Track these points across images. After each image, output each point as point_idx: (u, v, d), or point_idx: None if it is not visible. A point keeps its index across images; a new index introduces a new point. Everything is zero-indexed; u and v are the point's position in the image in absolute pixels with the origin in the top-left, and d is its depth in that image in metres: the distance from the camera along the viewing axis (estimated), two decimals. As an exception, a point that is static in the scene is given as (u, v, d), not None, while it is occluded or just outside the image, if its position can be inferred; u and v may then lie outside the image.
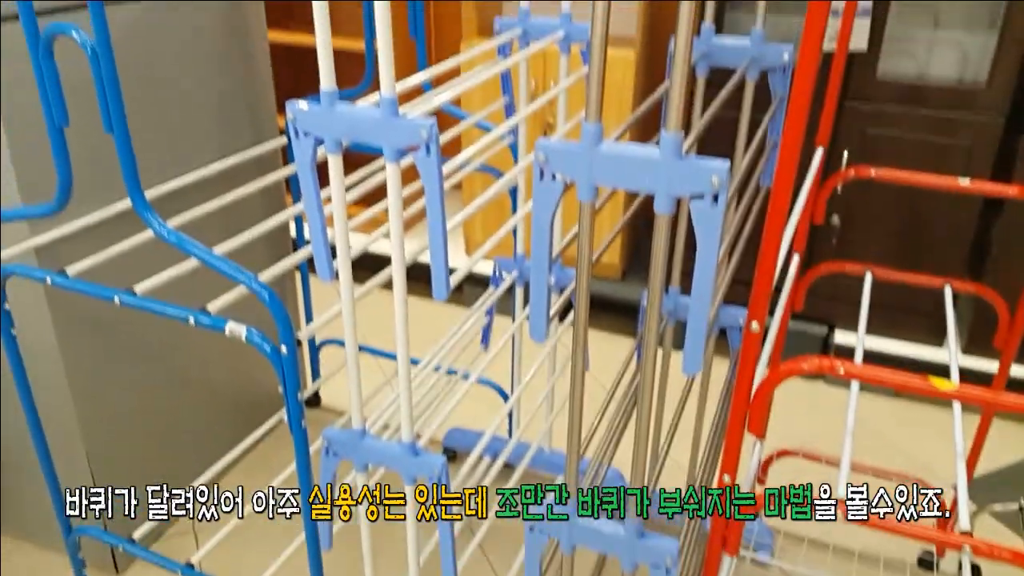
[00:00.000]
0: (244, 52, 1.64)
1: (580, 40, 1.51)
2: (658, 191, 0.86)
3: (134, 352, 1.49)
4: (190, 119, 1.52)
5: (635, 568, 1.03)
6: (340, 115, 0.96)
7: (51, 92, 0.95)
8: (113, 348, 1.44)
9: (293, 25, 2.93)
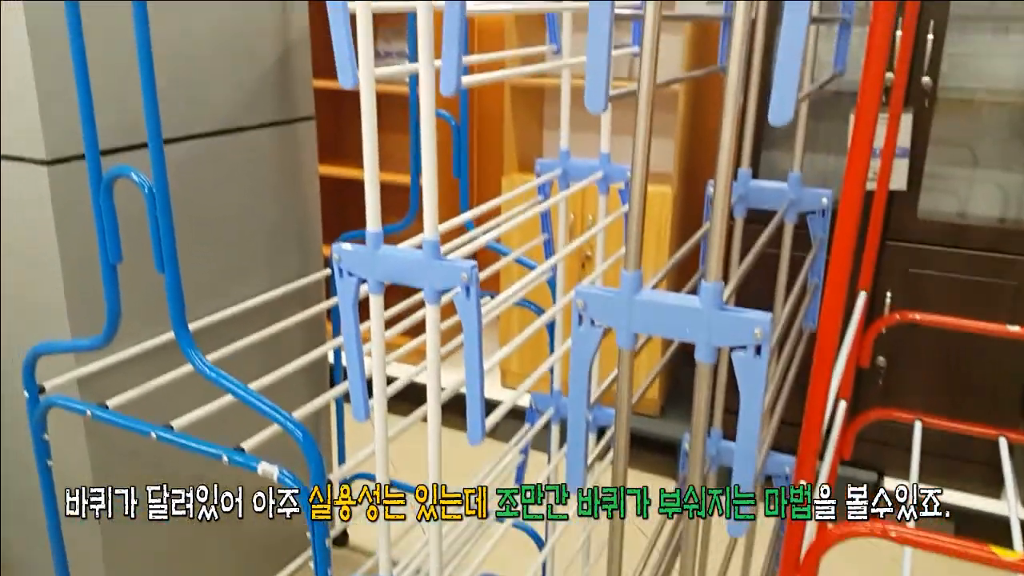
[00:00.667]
0: (295, 184, 1.71)
1: (618, 180, 1.54)
2: (699, 341, 0.85)
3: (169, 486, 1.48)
4: (238, 250, 1.56)
5: None
6: (384, 257, 0.98)
7: (108, 231, 0.98)
8: (145, 482, 1.43)
9: (341, 158, 3.05)
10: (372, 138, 0.95)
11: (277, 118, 1.64)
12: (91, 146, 0.99)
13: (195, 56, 1.40)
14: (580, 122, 2.52)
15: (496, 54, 1.23)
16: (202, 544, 1.61)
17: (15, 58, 1.12)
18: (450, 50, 0.86)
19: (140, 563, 1.46)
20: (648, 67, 0.80)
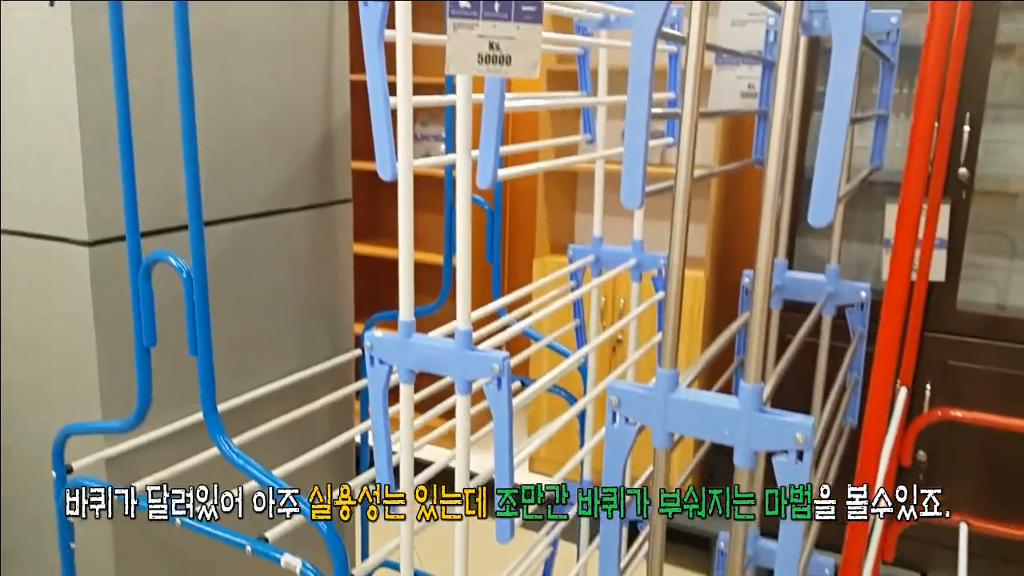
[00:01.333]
0: (329, 265, 1.72)
1: (652, 268, 1.54)
2: (737, 444, 0.82)
3: (187, 572, 1.46)
4: (270, 331, 1.57)
5: None
6: (415, 345, 0.97)
7: (144, 314, 0.99)
8: (166, 565, 1.41)
9: (376, 237, 3.09)
10: (408, 231, 0.95)
11: (315, 201, 1.67)
12: (132, 230, 1.01)
13: (240, 139, 1.44)
14: (613, 206, 2.53)
15: (531, 144, 1.25)
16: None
17: (64, 138, 1.15)
18: (488, 145, 0.87)
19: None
20: (684, 172, 0.80)
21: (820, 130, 0.71)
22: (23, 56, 1.18)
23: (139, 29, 1.21)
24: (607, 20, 1.37)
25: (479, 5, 0.76)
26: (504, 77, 0.81)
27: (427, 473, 1.17)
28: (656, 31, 0.74)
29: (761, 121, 1.39)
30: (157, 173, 1.27)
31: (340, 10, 1.65)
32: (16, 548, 1.42)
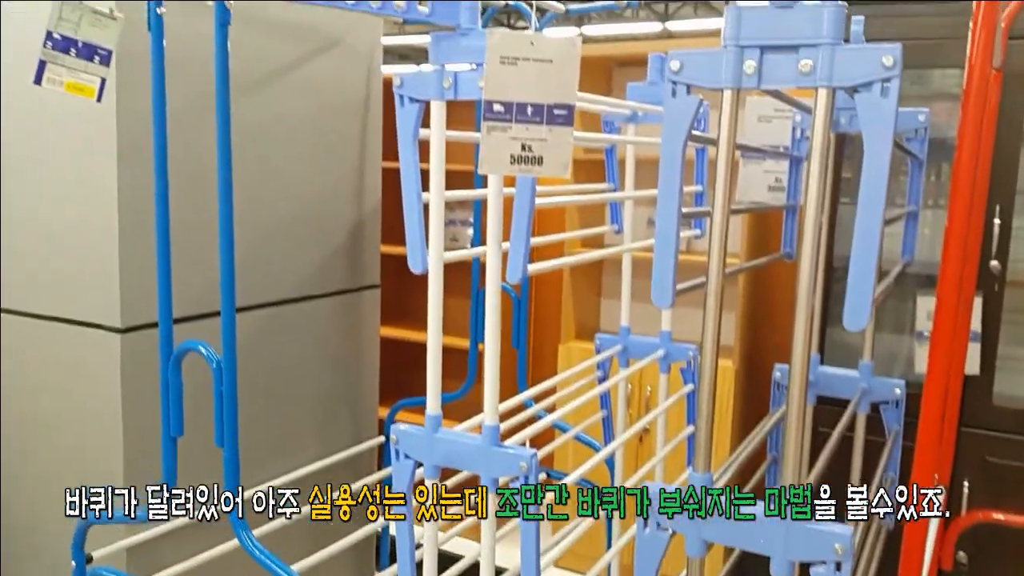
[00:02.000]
0: (355, 351, 1.72)
1: (680, 359, 1.52)
2: (774, 555, 0.80)
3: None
4: (293, 417, 1.57)
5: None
6: (442, 441, 0.96)
7: (172, 404, 0.99)
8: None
9: (401, 319, 3.10)
10: (437, 326, 0.95)
11: (344, 287, 1.68)
12: (165, 321, 1.02)
13: (274, 226, 1.46)
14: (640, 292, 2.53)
15: (559, 236, 1.26)
16: None
17: (102, 225, 1.18)
18: (518, 241, 0.88)
19: None
20: (716, 270, 0.80)
21: (853, 227, 0.71)
22: (66, 142, 1.21)
23: (180, 118, 1.25)
24: (634, 115, 1.40)
25: (512, 108, 0.78)
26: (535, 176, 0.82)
27: (452, 572, 1.14)
28: (686, 135, 0.75)
29: (790, 215, 1.39)
30: (189, 260, 1.29)
31: (376, 101, 1.70)
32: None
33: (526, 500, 0.90)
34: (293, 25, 1.46)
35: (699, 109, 0.74)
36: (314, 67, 1.52)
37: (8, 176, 1.28)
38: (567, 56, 0.77)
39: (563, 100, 0.77)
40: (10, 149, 1.27)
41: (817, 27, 0.69)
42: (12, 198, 1.28)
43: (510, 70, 0.77)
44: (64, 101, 1.20)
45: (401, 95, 0.92)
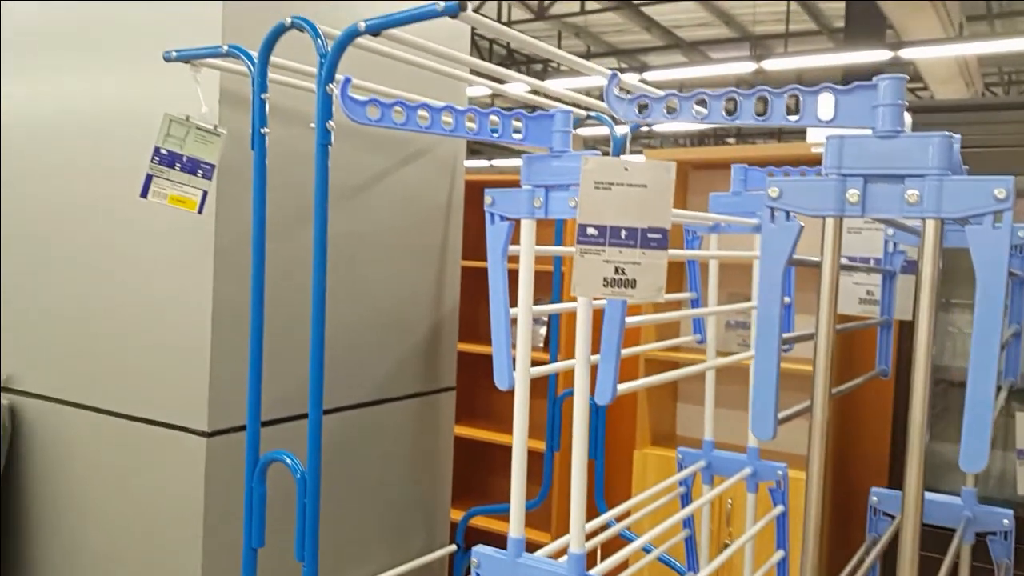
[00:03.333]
0: (430, 454, 1.71)
1: (769, 479, 1.46)
2: None
3: None
4: (367, 522, 1.55)
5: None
6: (525, 568, 0.93)
7: (255, 516, 0.99)
8: None
9: (473, 419, 3.08)
10: (522, 450, 0.94)
11: (422, 389, 1.69)
12: (253, 429, 1.03)
13: (356, 331, 1.48)
14: (721, 397, 2.46)
15: (642, 348, 1.24)
16: None
17: (195, 333, 1.22)
18: (607, 364, 0.87)
19: None
20: (822, 394, 0.77)
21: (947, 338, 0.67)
22: (164, 250, 1.27)
23: (272, 228, 1.29)
24: (717, 226, 1.39)
25: (606, 231, 0.78)
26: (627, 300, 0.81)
27: None
28: (786, 261, 0.73)
29: (884, 331, 1.35)
30: (273, 366, 1.32)
31: (457, 205, 1.74)
32: None
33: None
34: (385, 138, 1.52)
35: (799, 236, 0.73)
36: (402, 176, 1.57)
37: (108, 281, 1.34)
38: (661, 181, 0.77)
39: (657, 224, 0.77)
40: (111, 254, 1.33)
41: (923, 158, 0.68)
42: (110, 301, 1.34)
43: (604, 194, 0.77)
44: (165, 212, 1.27)
45: (492, 213, 0.93)
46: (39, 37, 1.45)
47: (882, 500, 1.40)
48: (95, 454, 1.36)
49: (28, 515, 1.46)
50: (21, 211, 1.48)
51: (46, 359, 1.43)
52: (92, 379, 1.36)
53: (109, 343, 1.34)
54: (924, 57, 5.69)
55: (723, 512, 2.26)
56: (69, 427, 1.39)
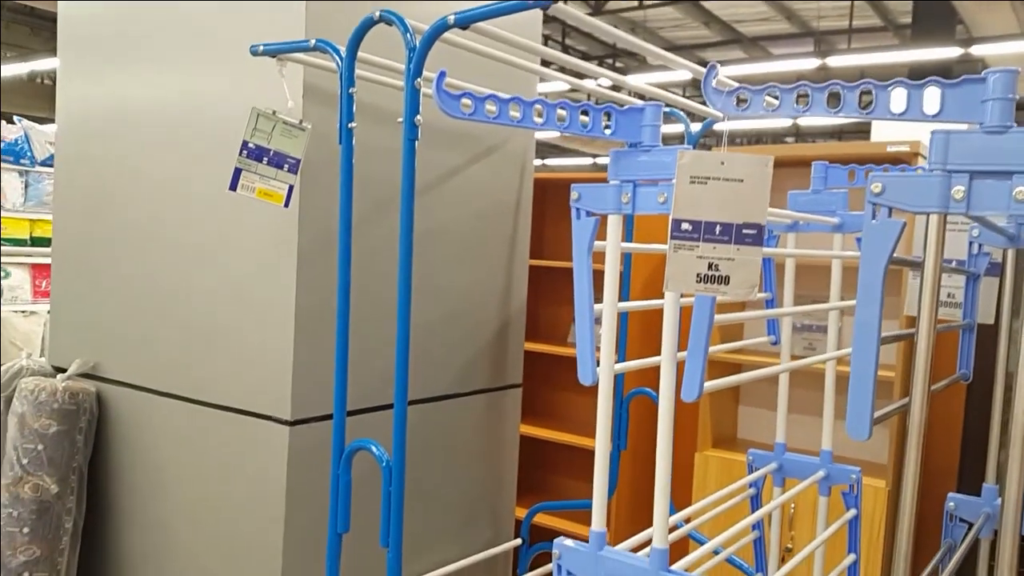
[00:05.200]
0: (496, 450, 1.72)
1: (842, 482, 1.43)
2: None
3: None
4: (437, 515, 1.57)
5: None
6: (608, 560, 0.93)
7: (341, 501, 1.01)
8: None
9: (533, 417, 3.09)
10: (605, 444, 0.94)
11: (489, 385, 1.70)
12: (339, 418, 1.05)
13: (429, 327, 1.50)
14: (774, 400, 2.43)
15: (724, 347, 1.23)
16: None
17: (279, 326, 1.25)
18: (695, 360, 0.87)
19: None
20: (921, 394, 0.76)
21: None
22: (248, 248, 1.30)
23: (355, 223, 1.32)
24: (795, 225, 1.37)
25: (700, 227, 0.78)
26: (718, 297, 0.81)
27: None
28: (888, 259, 0.72)
29: (966, 335, 1.32)
30: (352, 359, 1.34)
31: (526, 202, 1.75)
32: None
33: (698, 631, 0.86)
34: (459, 134, 1.54)
35: (901, 233, 0.72)
36: (472, 173, 1.58)
37: (194, 272, 1.38)
38: (758, 176, 0.77)
39: (752, 220, 0.77)
40: (199, 247, 1.37)
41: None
42: (196, 292, 1.38)
43: (699, 189, 0.77)
44: (251, 205, 1.30)
45: (578, 208, 0.93)
46: (132, 35, 1.50)
47: (959, 506, 1.37)
48: (179, 441, 1.40)
49: (115, 500, 1.51)
50: (111, 205, 1.53)
51: (132, 348, 1.48)
52: (177, 368, 1.40)
53: (195, 333, 1.38)
54: (996, 53, 5.52)
55: (787, 516, 2.23)
56: (154, 414, 1.44)
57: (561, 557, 0.96)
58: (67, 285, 1.62)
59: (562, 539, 0.96)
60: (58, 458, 1.38)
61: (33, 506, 1.35)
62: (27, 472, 1.36)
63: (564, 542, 0.96)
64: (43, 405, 1.37)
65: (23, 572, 1.34)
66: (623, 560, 0.92)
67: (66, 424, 1.39)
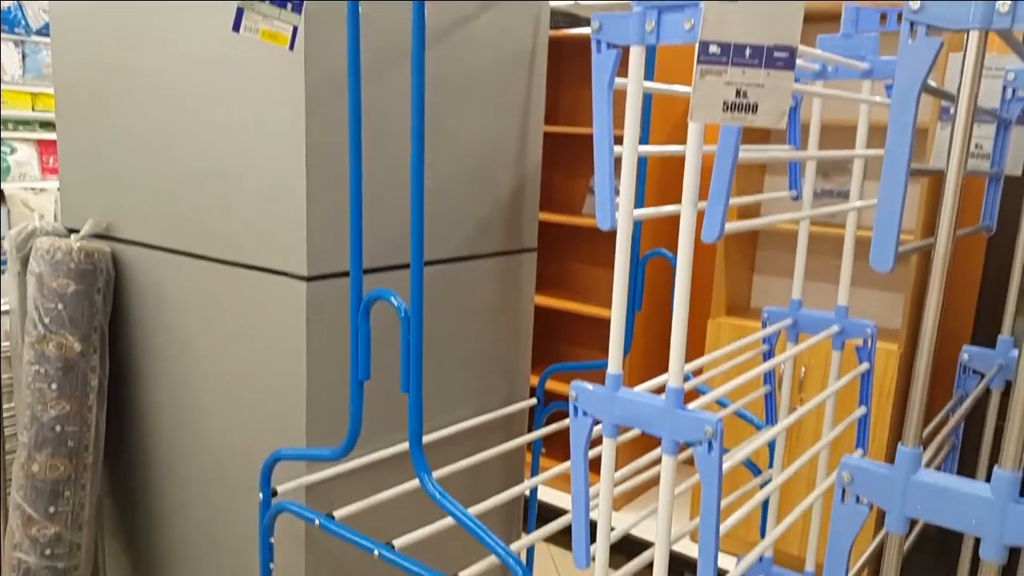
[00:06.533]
0: (511, 313, 1.74)
1: (856, 336, 1.44)
2: (987, 536, 0.74)
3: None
4: (452, 374, 1.59)
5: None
6: (622, 400, 0.95)
7: (361, 349, 1.02)
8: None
9: (547, 287, 3.11)
10: (623, 281, 0.94)
11: (504, 248, 1.69)
12: (355, 269, 1.05)
13: (442, 185, 1.48)
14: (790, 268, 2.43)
15: (746, 198, 1.21)
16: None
17: (290, 178, 1.23)
18: (718, 197, 0.85)
19: None
20: (946, 235, 0.74)
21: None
22: (254, 97, 1.27)
23: (365, 71, 1.28)
24: (824, 70, 1.32)
25: (729, 50, 0.74)
26: (743, 126, 0.78)
27: (614, 536, 1.13)
28: (923, 80, 0.69)
29: (992, 184, 1.29)
30: (367, 215, 1.33)
31: (541, 56, 1.69)
32: (209, 559, 1.49)
33: (707, 461, 0.88)
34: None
35: (939, 52, 0.68)
36: (484, 19, 1.52)
37: (202, 124, 1.35)
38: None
39: (784, 41, 0.73)
40: (203, 96, 1.34)
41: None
42: (205, 146, 1.35)
43: (729, 8, 0.73)
44: (253, 58, 1.26)
45: (598, 40, 0.89)
46: None
47: (973, 358, 1.38)
48: (196, 299, 1.41)
49: (137, 360, 1.54)
50: (113, 60, 1.49)
51: (144, 207, 1.47)
52: (190, 226, 1.40)
53: (205, 188, 1.37)
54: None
55: (797, 379, 2.26)
56: (170, 273, 1.45)
57: (577, 399, 0.97)
58: (74, 145, 1.60)
59: (579, 381, 0.97)
60: (78, 317, 1.40)
61: (59, 363, 1.38)
62: (49, 331, 1.38)
63: (582, 385, 0.97)
64: (60, 265, 1.38)
65: (55, 426, 1.38)
66: (639, 400, 0.93)
67: (83, 284, 1.40)
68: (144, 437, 1.56)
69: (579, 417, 0.98)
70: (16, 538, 1.36)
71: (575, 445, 0.98)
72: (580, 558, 0.99)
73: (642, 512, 1.86)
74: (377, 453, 1.33)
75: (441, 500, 1.00)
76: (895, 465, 0.78)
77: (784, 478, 1.30)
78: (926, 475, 0.77)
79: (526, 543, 1.09)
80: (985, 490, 0.75)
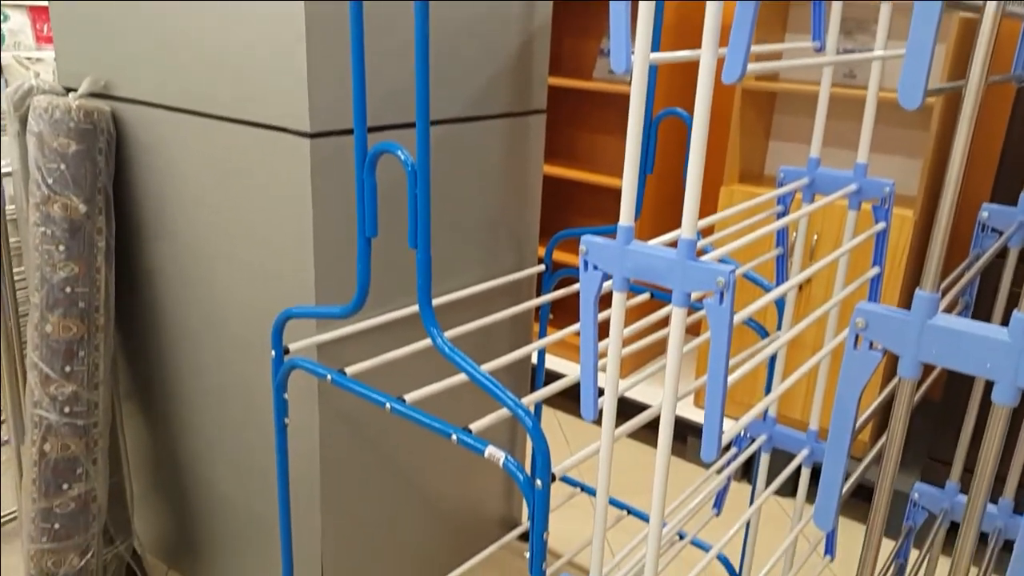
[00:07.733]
0: (520, 177, 1.71)
1: (874, 196, 1.41)
2: (1001, 380, 0.74)
3: (383, 461, 1.52)
4: (460, 238, 1.58)
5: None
6: (634, 253, 0.93)
7: (367, 205, 1.00)
8: (365, 454, 1.48)
9: (555, 157, 3.06)
10: (637, 130, 0.90)
11: (512, 109, 1.64)
12: (360, 123, 1.02)
13: (445, 43, 1.42)
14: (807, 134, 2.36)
15: (766, 46, 1.15)
16: (405, 522, 1.65)
17: (290, 34, 1.18)
18: (740, 35, 0.80)
19: (349, 531, 1.52)
20: (979, 74, 0.70)
21: None
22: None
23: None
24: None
25: None
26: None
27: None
28: None
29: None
30: (370, 72, 1.28)
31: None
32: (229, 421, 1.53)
33: (718, 312, 0.87)
34: None
35: None
36: None
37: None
38: None
39: None
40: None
41: None
42: (198, 5, 1.29)
43: None
44: None
45: None
46: None
47: (993, 216, 1.35)
48: (199, 158, 1.38)
49: (143, 221, 1.53)
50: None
51: (142, 63, 1.42)
52: (190, 82, 1.35)
53: (204, 43, 1.31)
54: None
55: (809, 244, 2.25)
56: (171, 132, 1.41)
57: (588, 253, 0.96)
58: (66, 4, 1.53)
59: (589, 236, 0.96)
60: (81, 178, 1.38)
61: (65, 224, 1.37)
62: (53, 192, 1.36)
63: (592, 239, 0.95)
64: (59, 123, 1.34)
65: (65, 287, 1.38)
66: (651, 252, 0.92)
67: (84, 143, 1.38)
68: (154, 299, 1.57)
69: (589, 271, 0.97)
70: (36, 396, 1.39)
71: (585, 300, 0.97)
72: (588, 409, 1.00)
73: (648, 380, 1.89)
74: (387, 315, 1.34)
75: (451, 355, 1.01)
76: (912, 310, 0.77)
77: (793, 334, 1.30)
78: (942, 319, 0.76)
79: (534, 398, 1.10)
80: (1002, 333, 0.74)
